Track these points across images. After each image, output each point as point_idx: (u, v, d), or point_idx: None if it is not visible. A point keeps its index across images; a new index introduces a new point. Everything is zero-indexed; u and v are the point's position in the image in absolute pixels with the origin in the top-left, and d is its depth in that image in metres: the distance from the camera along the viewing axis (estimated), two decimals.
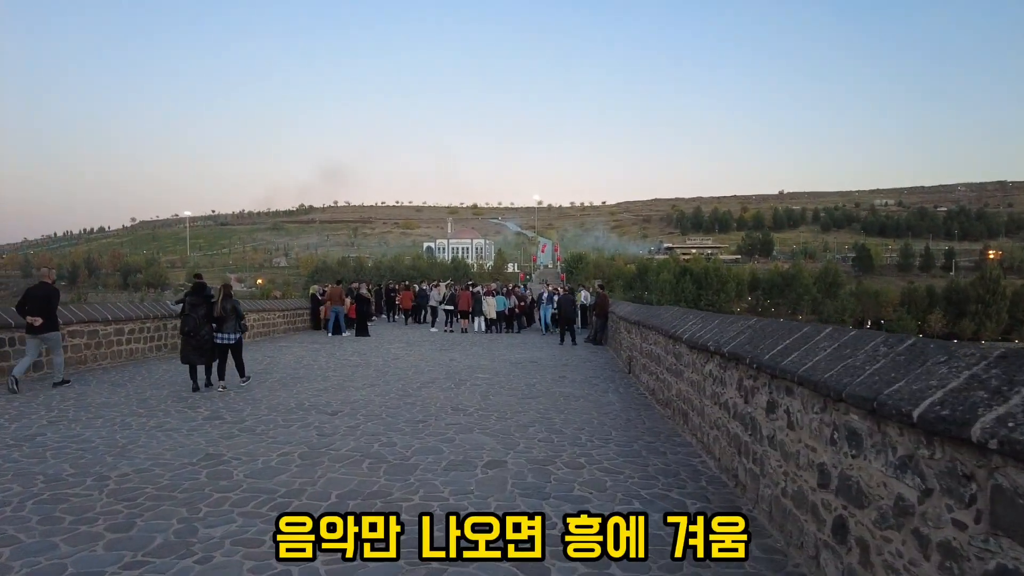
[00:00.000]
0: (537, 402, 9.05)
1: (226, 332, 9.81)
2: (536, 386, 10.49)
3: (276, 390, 9.73)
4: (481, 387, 10.26)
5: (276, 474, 5.42)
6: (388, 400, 9.01)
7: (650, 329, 9.78)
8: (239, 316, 10.02)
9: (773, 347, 4.56)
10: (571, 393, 9.87)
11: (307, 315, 23.00)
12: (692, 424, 6.87)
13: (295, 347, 16.30)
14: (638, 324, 11.14)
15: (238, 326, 9.96)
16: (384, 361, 13.63)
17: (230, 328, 9.83)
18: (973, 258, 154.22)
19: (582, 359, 14.68)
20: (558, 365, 13.40)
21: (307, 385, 10.23)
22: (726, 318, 6.57)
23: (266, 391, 9.63)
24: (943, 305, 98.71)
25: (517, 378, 11.35)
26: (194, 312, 9.56)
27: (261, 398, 9.05)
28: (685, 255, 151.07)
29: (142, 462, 5.69)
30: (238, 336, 9.97)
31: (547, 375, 11.84)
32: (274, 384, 10.31)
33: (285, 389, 9.83)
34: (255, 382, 10.40)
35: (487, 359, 14.28)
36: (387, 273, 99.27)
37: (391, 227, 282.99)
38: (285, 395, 9.29)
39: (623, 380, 11.49)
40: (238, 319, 9.97)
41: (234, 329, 9.88)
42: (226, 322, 9.79)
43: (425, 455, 6.07)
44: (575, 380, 11.27)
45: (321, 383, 10.47)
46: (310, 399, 9.00)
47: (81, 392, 9.24)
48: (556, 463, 5.87)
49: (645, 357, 10.37)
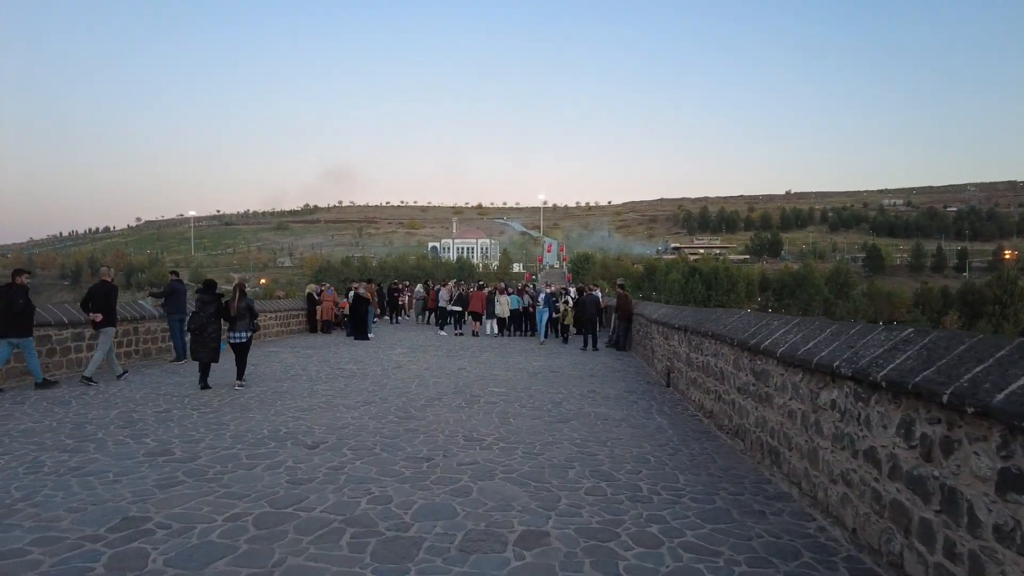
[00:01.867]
0: (570, 428, 7.30)
1: (239, 331, 9.77)
2: (564, 404, 8.74)
3: (250, 410, 8.01)
4: (498, 406, 8.52)
5: (211, 559, 3.67)
6: (384, 425, 7.27)
7: (707, 337, 8.01)
8: (253, 315, 10.02)
9: (969, 372, 2.83)
10: (608, 415, 8.11)
11: (303, 316, 21.21)
12: (790, 468, 5.10)
13: (285, 352, 14.58)
14: (684, 330, 9.37)
15: (251, 325, 9.92)
16: (384, 370, 11.90)
17: (243, 327, 9.79)
18: (986, 258, 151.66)
19: (608, 368, 12.93)
20: (583, 376, 11.64)
21: (289, 403, 8.49)
22: (843, 326, 4.79)
23: (238, 411, 7.90)
24: (958, 306, 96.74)
25: (539, 393, 9.61)
26: (202, 310, 9.56)
27: (229, 421, 7.32)
28: (693, 255, 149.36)
29: (20, 536, 3.94)
30: (249, 335, 9.91)
31: (573, 389, 10.09)
32: (250, 401, 8.59)
33: (262, 408, 8.10)
34: (227, 398, 8.69)
35: (501, 368, 12.53)
36: (391, 273, 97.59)
37: (396, 227, 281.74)
38: (260, 417, 7.56)
39: (663, 395, 9.73)
40: (252, 317, 9.95)
41: (247, 328, 9.83)
42: (240, 320, 9.74)
43: (431, 520, 4.32)
44: (608, 396, 9.52)
45: (306, 399, 8.74)
46: (288, 423, 7.26)
47: (6, 414, 7.51)
48: (620, 536, 4.11)
49: (696, 370, 8.61)
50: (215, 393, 9.08)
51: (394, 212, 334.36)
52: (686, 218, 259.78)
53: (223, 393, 9.10)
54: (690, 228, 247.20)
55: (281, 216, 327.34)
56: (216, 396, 8.86)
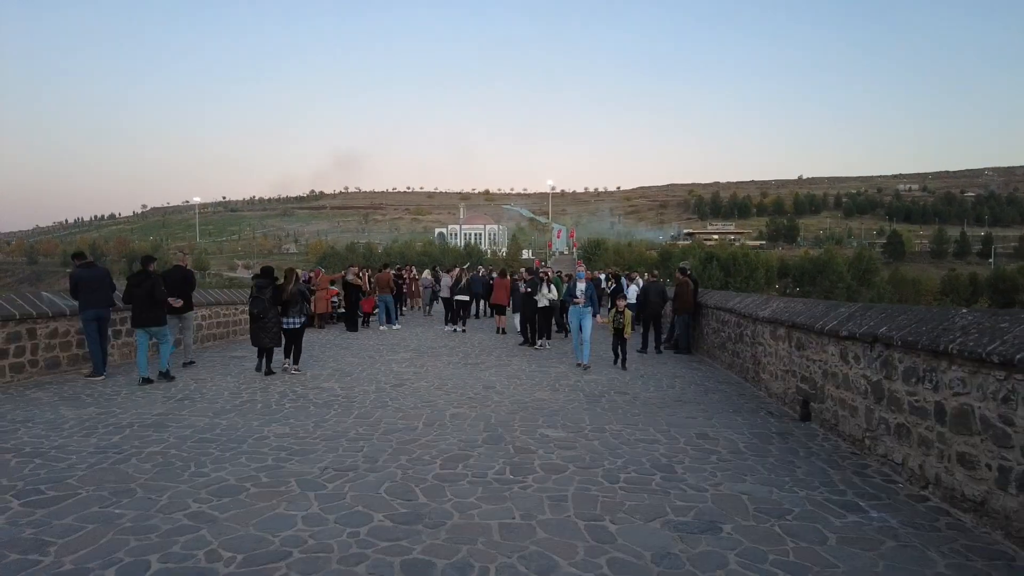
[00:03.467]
0: (725, 543, 3.69)
1: (292, 316, 9.84)
2: (678, 471, 5.10)
3: (115, 499, 4.42)
4: (569, 479, 4.86)
5: None
6: (366, 547, 3.64)
7: (950, 359, 4.33)
8: (306, 299, 10.24)
9: None
10: (766, 498, 4.47)
11: None
12: None
13: (248, 363, 10.93)
14: (867, 341, 5.66)
15: (303, 309, 10.04)
16: (378, 391, 8.30)
17: (296, 312, 9.85)
18: (1012, 244, 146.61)
19: (691, 383, 9.28)
20: (667, 401, 8.00)
21: (198, 478, 4.88)
22: None
23: (96, 503, 4.32)
24: (989, 293, 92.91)
25: (623, 441, 5.97)
26: (261, 295, 9.54)
27: (73, 526, 3.74)
28: (707, 240, 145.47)
29: None
30: (303, 320, 10.01)
31: (671, 429, 6.45)
32: (136, 471, 4.99)
33: (148, 490, 4.52)
34: (95, 474, 5.12)
35: (543, 384, 8.92)
36: (397, 259, 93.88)
37: (402, 213, 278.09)
38: (123, 530, 3.97)
39: (815, 441, 6.09)
40: (304, 302, 10.10)
41: (299, 313, 9.91)
42: (292, 306, 9.81)
43: None
44: (737, 449, 5.84)
45: (229, 470, 5.09)
46: (166, 541, 3.68)
47: None
48: None
49: (914, 414, 4.93)
50: None
51: (401, 198, 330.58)
52: (698, 203, 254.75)
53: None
54: (702, 214, 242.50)
55: (287, 203, 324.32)
56: None
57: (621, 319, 10.70)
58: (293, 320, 9.83)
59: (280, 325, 9.71)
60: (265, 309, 9.50)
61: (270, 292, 9.62)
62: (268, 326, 9.52)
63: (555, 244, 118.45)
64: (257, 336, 9.57)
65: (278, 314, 9.69)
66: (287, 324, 9.81)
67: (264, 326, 9.50)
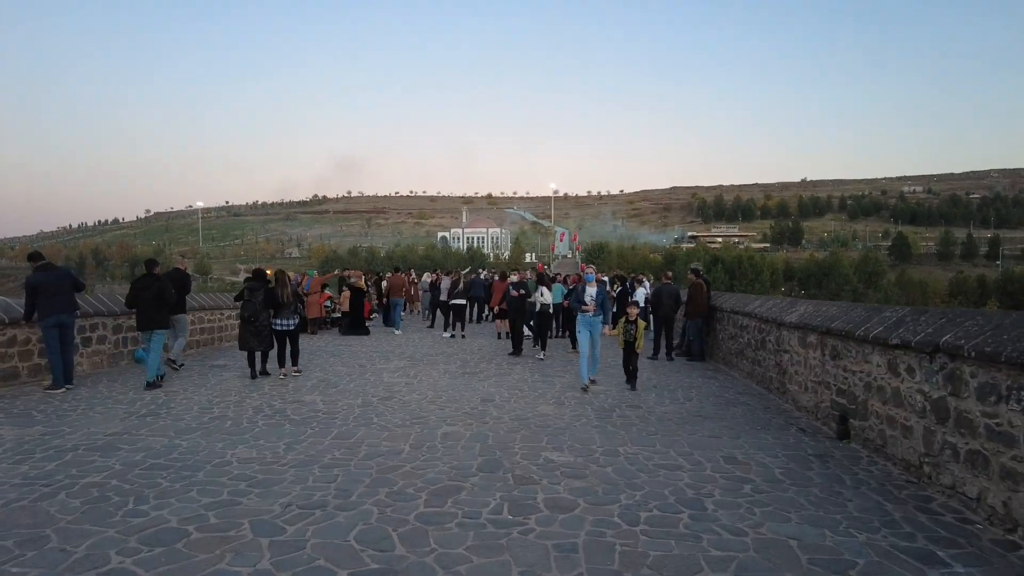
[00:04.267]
0: None
1: (284, 319, 9.65)
2: (708, 508, 4.28)
3: (17, 553, 3.60)
4: (580, 523, 4.05)
5: None
6: None
7: None
8: (300, 301, 10.17)
9: None
10: (839, 555, 3.59)
11: None
12: None
13: (228, 373, 10.15)
14: (927, 351, 4.83)
15: (296, 311, 9.84)
16: (363, 407, 7.48)
17: (288, 314, 9.67)
18: (1019, 246, 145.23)
19: (709, 395, 8.45)
20: (686, 417, 7.17)
21: (129, 524, 4.07)
22: None
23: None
24: (998, 295, 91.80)
25: (639, 469, 5.14)
26: (253, 298, 9.40)
27: None
28: (712, 243, 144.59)
29: None
30: (296, 322, 9.81)
31: (694, 452, 5.63)
32: (60, 510, 4.20)
33: (45, 549, 3.72)
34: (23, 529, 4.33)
35: (548, 400, 8.09)
36: (400, 264, 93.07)
37: (405, 217, 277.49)
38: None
39: (859, 464, 5.27)
40: (298, 304, 10.00)
41: (292, 315, 9.73)
42: (286, 308, 9.64)
43: None
44: (772, 476, 5.02)
45: (174, 507, 4.29)
46: None
47: None
48: None
49: (994, 440, 4.09)
50: None
51: (403, 202, 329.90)
52: (701, 206, 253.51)
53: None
54: (705, 216, 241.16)
55: (290, 207, 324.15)
56: None
57: (633, 330, 8.96)
58: (287, 322, 9.66)
59: (271, 328, 9.56)
60: (257, 312, 9.38)
61: (262, 295, 9.47)
62: (259, 330, 9.40)
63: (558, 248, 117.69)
64: (246, 340, 9.41)
65: (269, 317, 9.55)
66: (280, 326, 9.64)
67: (255, 330, 9.38)
